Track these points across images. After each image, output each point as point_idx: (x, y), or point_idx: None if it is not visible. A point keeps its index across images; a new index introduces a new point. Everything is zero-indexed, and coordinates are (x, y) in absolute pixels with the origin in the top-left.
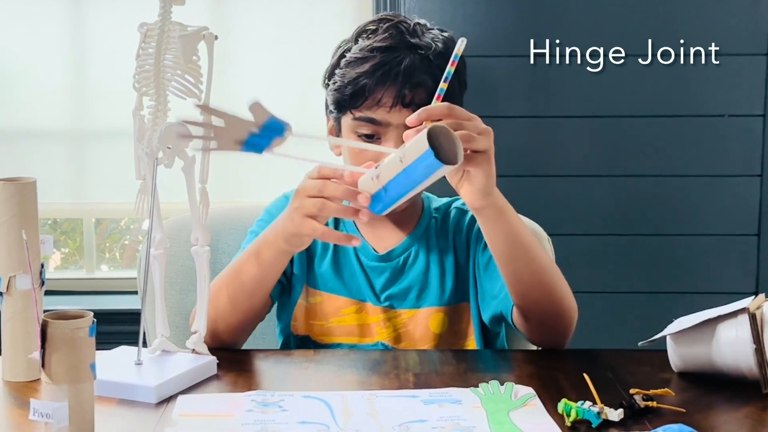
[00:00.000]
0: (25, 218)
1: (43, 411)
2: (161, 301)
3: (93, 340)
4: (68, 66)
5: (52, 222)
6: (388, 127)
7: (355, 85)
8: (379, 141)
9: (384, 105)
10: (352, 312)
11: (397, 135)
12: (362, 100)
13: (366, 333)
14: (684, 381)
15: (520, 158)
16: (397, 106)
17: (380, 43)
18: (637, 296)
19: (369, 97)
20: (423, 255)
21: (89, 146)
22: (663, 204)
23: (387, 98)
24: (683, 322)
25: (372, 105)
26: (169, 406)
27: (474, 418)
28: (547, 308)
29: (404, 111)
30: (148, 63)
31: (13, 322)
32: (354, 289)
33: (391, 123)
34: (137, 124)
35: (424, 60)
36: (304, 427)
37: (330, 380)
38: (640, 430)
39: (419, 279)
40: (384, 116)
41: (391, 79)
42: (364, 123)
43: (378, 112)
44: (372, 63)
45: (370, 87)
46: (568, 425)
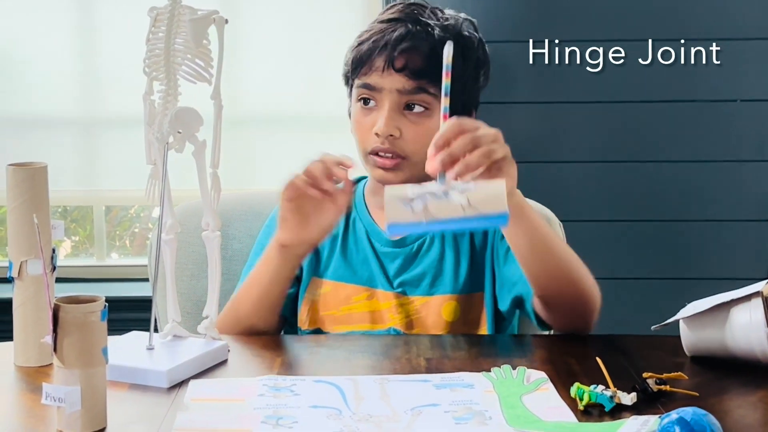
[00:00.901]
0: (36, 203)
1: (55, 395)
2: (172, 286)
3: (105, 325)
4: (78, 53)
5: (62, 209)
6: (381, 92)
7: (356, 55)
8: (376, 107)
9: (377, 69)
10: (363, 299)
11: (389, 99)
12: (360, 67)
13: (378, 320)
14: (697, 365)
15: (532, 144)
16: (389, 70)
17: (385, 16)
18: (650, 282)
19: (366, 63)
20: (438, 241)
21: (99, 133)
22: (675, 190)
23: (380, 63)
24: (696, 306)
25: (368, 71)
26: (180, 391)
27: (486, 402)
28: (571, 298)
29: (395, 75)
30: (158, 47)
31: (25, 308)
32: (365, 276)
33: (384, 87)
34: (147, 109)
35: (423, 28)
36: (316, 411)
37: (341, 365)
38: (653, 413)
39: (433, 266)
40: (377, 80)
41: (383, 44)
42: (362, 89)
43: (372, 77)
44: (371, 32)
45: (366, 54)
46: (581, 409)
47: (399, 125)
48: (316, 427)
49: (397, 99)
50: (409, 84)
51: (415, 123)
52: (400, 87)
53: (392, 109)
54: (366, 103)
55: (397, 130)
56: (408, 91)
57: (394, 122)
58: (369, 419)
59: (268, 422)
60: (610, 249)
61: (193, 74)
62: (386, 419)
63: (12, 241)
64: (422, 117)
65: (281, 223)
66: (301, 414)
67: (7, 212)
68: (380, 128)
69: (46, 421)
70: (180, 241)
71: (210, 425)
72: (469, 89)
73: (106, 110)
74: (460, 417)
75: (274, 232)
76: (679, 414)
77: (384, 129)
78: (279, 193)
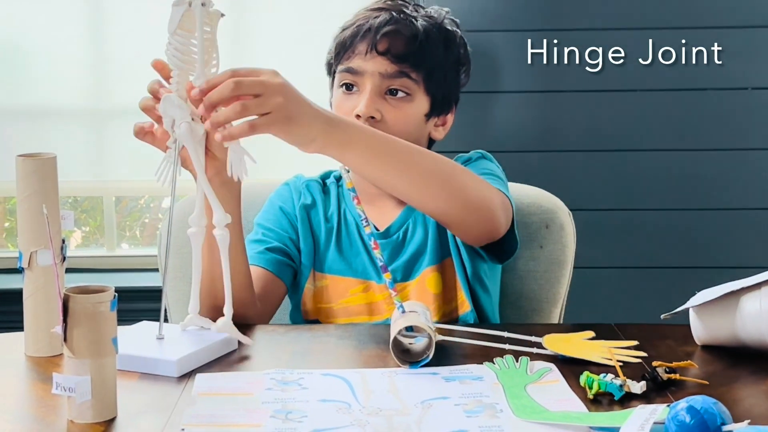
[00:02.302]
0: (45, 194)
1: (65, 385)
2: (197, 279)
3: (114, 315)
4: (88, 44)
5: (72, 200)
6: (364, 75)
7: (340, 40)
8: (357, 92)
9: (359, 53)
10: (359, 291)
11: (371, 82)
12: (343, 52)
13: (374, 311)
14: (707, 354)
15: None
16: (372, 53)
17: (368, 7)
18: (660, 271)
19: (349, 48)
20: (420, 224)
21: (109, 124)
22: (685, 178)
23: (363, 47)
24: (706, 294)
25: (351, 55)
26: (189, 383)
27: (496, 394)
28: (455, 208)
29: (378, 58)
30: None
31: (35, 298)
32: (360, 269)
33: (366, 71)
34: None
35: (405, 16)
36: (326, 405)
37: (349, 356)
38: (663, 402)
39: (418, 248)
40: (360, 64)
41: (366, 28)
42: (344, 73)
43: (354, 61)
44: (355, 19)
45: (349, 39)
46: (590, 398)
47: (380, 108)
48: (326, 421)
49: (379, 82)
50: (392, 68)
51: (396, 107)
52: (383, 70)
53: (374, 92)
54: (349, 89)
55: (378, 112)
56: (390, 75)
57: (376, 105)
58: (379, 413)
59: (278, 416)
60: (619, 238)
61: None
62: (396, 413)
63: (22, 232)
64: (403, 102)
65: None
66: (311, 408)
67: (16, 203)
68: (361, 110)
69: (56, 410)
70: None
71: (219, 420)
72: (449, 81)
73: (116, 101)
74: (471, 410)
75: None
76: (689, 402)
77: (365, 110)
78: None
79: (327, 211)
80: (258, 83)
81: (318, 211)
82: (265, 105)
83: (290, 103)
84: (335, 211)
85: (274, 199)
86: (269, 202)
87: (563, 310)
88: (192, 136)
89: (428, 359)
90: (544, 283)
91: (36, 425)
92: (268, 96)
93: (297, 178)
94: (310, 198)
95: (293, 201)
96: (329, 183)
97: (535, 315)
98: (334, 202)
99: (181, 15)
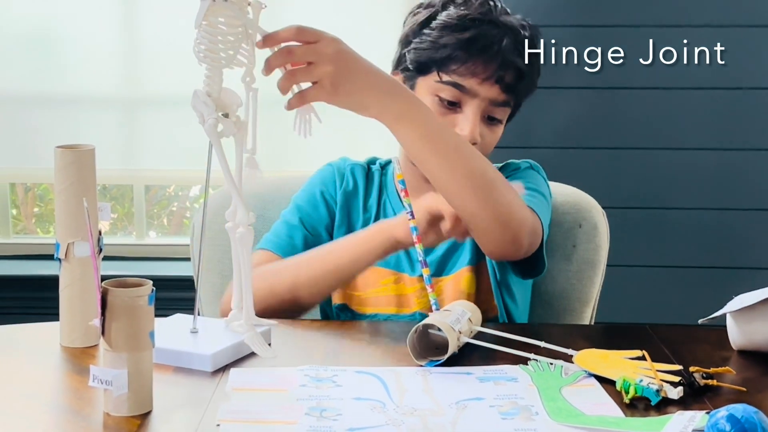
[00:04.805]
0: (83, 186)
1: (102, 378)
2: (238, 274)
3: (152, 309)
4: (120, 32)
5: (101, 188)
6: (475, 98)
7: (453, 50)
8: (460, 109)
9: (477, 76)
10: (391, 282)
11: (479, 107)
12: (456, 66)
13: (404, 304)
14: (744, 359)
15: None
16: (490, 81)
17: (476, 15)
18: (694, 270)
19: (464, 65)
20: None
21: (140, 113)
22: (722, 177)
23: (482, 70)
24: (744, 299)
25: (465, 73)
26: (224, 377)
27: (531, 396)
28: (484, 215)
29: (495, 87)
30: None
31: (72, 289)
32: (393, 261)
33: (479, 94)
34: None
35: (518, 43)
36: (360, 404)
37: (382, 354)
38: (700, 408)
39: (454, 244)
40: (474, 86)
41: (492, 54)
42: (451, 87)
43: (469, 81)
44: (472, 33)
45: (468, 56)
46: (626, 402)
47: (481, 132)
48: (361, 420)
49: (485, 108)
50: (501, 97)
51: (492, 132)
52: (493, 97)
53: (478, 117)
54: (450, 105)
55: (480, 137)
56: (498, 103)
57: (480, 129)
58: (413, 413)
59: (312, 414)
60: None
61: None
62: (431, 413)
63: (60, 223)
64: (496, 126)
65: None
66: (345, 406)
67: (54, 194)
68: (467, 134)
69: (92, 402)
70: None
71: (254, 416)
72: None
73: (148, 89)
74: (506, 412)
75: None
76: (729, 411)
77: (471, 137)
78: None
79: (367, 200)
80: (311, 51)
81: (358, 199)
82: (312, 74)
83: (340, 72)
84: (375, 202)
85: (315, 182)
86: (310, 184)
87: (595, 310)
88: (218, 132)
89: (441, 361)
90: (576, 283)
91: (72, 417)
92: (318, 65)
93: (343, 160)
94: (352, 183)
95: (335, 185)
96: (374, 170)
97: (567, 314)
98: (375, 191)
99: (206, 9)
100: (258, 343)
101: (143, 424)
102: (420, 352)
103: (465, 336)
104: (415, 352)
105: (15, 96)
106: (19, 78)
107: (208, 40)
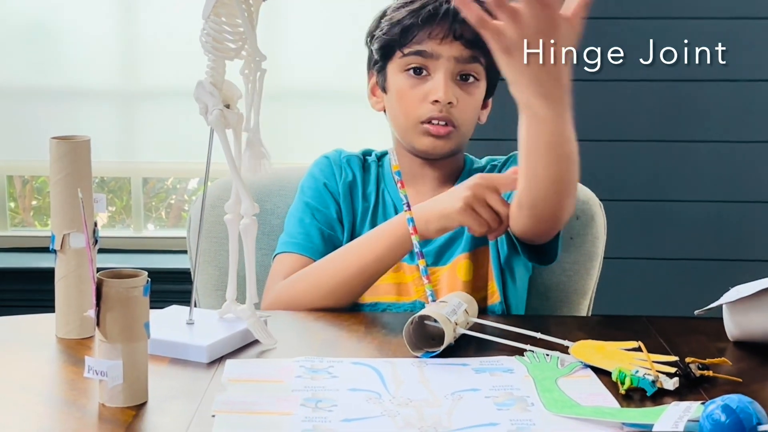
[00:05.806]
0: (78, 177)
1: (97, 369)
2: (234, 266)
3: (147, 300)
4: (118, 25)
5: (99, 180)
6: (439, 59)
7: (406, 23)
8: (428, 76)
9: (435, 37)
10: (390, 271)
11: (445, 67)
12: (413, 35)
13: (403, 292)
14: (739, 350)
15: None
16: (449, 38)
17: None
18: (691, 263)
19: (420, 31)
20: None
21: (137, 105)
22: (720, 170)
23: (438, 31)
24: (740, 290)
25: (423, 38)
26: (219, 368)
27: (527, 387)
28: (554, 205)
29: (455, 43)
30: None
31: (67, 280)
32: None
33: (442, 55)
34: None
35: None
36: (356, 395)
37: (378, 345)
38: (695, 399)
39: (453, 234)
40: (435, 48)
41: (442, 13)
42: (414, 56)
43: (429, 44)
44: (421, 1)
45: (420, 23)
46: (622, 393)
47: (455, 93)
48: (357, 411)
49: (453, 67)
50: (466, 53)
51: (467, 93)
52: (458, 55)
53: (448, 78)
54: (418, 73)
55: (455, 98)
56: (464, 60)
57: (452, 90)
58: (409, 403)
59: (308, 405)
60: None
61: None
62: (426, 404)
63: (55, 214)
64: (473, 87)
65: (445, 221)
66: (340, 397)
67: (49, 185)
68: (440, 96)
69: (87, 393)
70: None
71: (250, 407)
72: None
73: (145, 82)
74: (502, 403)
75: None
76: (724, 401)
77: (444, 96)
78: (471, 187)
79: (366, 189)
80: (556, 19)
81: (358, 189)
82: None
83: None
84: (373, 191)
85: (316, 174)
86: (311, 178)
87: (592, 302)
88: (223, 123)
89: (436, 353)
90: (573, 275)
91: (68, 408)
92: (546, 33)
93: (337, 152)
94: (350, 174)
95: (336, 177)
96: (370, 161)
97: (564, 306)
98: (373, 181)
99: (215, 0)
100: (260, 329)
101: (138, 415)
102: (416, 343)
103: (461, 327)
104: (411, 344)
105: (13, 88)
106: (17, 70)
107: (215, 31)
